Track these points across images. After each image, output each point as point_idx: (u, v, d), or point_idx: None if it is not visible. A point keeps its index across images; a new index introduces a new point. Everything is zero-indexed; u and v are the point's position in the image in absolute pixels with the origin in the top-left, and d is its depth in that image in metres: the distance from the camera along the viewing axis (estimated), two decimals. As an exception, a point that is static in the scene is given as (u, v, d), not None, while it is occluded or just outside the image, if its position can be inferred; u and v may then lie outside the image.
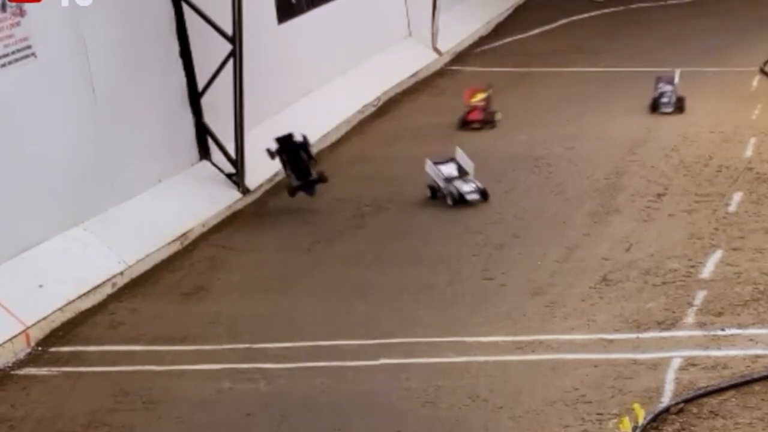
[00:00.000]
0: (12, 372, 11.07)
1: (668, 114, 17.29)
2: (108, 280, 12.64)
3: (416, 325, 11.37)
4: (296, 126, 16.76)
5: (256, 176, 15.31)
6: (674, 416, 9.36)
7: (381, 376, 10.43)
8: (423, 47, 21.22)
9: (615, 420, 9.26)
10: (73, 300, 12.16)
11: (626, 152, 15.93)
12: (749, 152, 15.52)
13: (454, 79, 20.68)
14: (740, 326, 10.80)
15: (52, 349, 11.48)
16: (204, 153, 15.11)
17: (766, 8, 23.83)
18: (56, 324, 11.88)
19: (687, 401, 9.53)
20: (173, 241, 13.68)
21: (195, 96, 14.89)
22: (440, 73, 21.05)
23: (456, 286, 12.22)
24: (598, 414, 9.49)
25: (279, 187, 15.61)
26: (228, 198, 14.86)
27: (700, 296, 11.46)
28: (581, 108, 18.15)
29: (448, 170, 14.60)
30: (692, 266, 12.16)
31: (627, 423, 8.92)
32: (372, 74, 19.32)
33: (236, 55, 14.48)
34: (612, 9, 25.04)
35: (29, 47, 12.36)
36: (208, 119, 14.97)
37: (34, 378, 10.94)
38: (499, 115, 17.71)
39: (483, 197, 14.41)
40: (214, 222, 14.41)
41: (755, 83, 18.84)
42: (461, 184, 14.45)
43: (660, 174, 15.00)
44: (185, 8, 14.56)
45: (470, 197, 14.38)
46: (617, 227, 13.43)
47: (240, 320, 11.81)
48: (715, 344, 10.52)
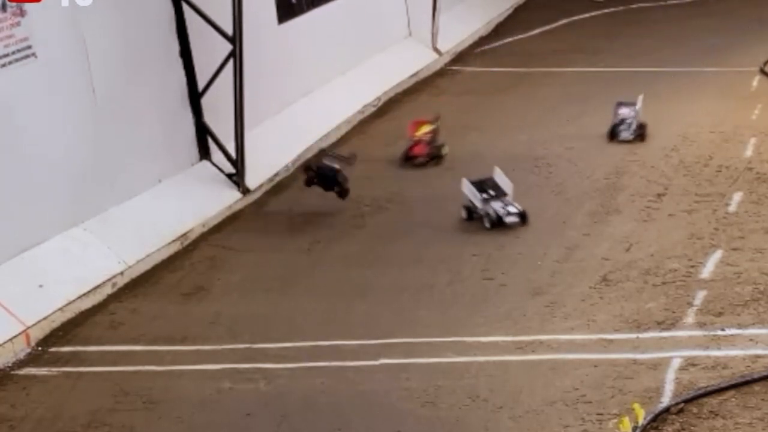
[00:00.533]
0: (12, 372, 11.07)
1: (628, 142, 16.22)
2: (108, 280, 12.64)
3: (416, 325, 11.37)
4: (296, 126, 16.85)
5: (256, 176, 15.31)
6: (674, 416, 9.36)
7: (381, 376, 10.43)
8: (423, 47, 21.22)
9: (615, 420, 9.26)
10: (73, 300, 12.16)
11: (626, 152, 15.93)
12: (749, 152, 15.52)
13: (454, 79, 20.69)
14: (740, 326, 10.80)
15: (52, 349, 11.48)
16: (204, 153, 15.11)
17: (766, 8, 23.83)
18: (56, 324, 11.88)
19: (687, 401, 9.53)
20: (173, 241, 13.68)
21: (195, 96, 14.89)
22: (440, 73, 21.05)
23: (456, 286, 12.22)
24: (598, 414, 9.50)
25: (279, 187, 15.63)
26: (228, 198, 14.86)
27: (700, 296, 11.47)
28: (581, 108, 18.15)
29: (485, 190, 13.75)
30: (692, 266, 12.16)
31: (627, 423, 8.92)
32: (372, 74, 19.32)
33: (236, 55, 14.48)
34: (612, 9, 25.04)
35: (29, 47, 12.36)
36: (208, 119, 14.97)
37: (34, 378, 10.94)
38: (446, 149, 16.32)
39: (522, 220, 13.52)
40: (214, 222, 14.41)
41: (755, 83, 18.84)
42: (500, 206, 13.58)
43: (660, 174, 15.00)
44: (185, 8, 14.56)
45: (509, 220, 13.50)
46: (617, 227, 13.44)
47: (240, 320, 11.81)
48: (715, 344, 10.52)
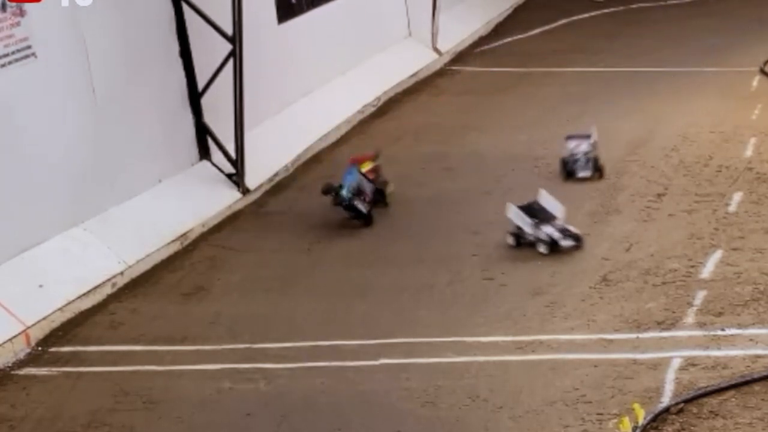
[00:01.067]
0: (12, 372, 11.07)
1: (586, 179, 14.82)
2: (108, 280, 12.64)
3: (416, 325, 11.37)
4: (296, 126, 16.85)
5: (256, 176, 15.32)
6: (674, 416, 9.36)
7: (381, 376, 10.43)
8: (423, 47, 21.22)
9: (615, 420, 9.26)
10: (73, 300, 12.16)
11: (626, 152, 15.92)
12: (749, 152, 15.52)
13: (454, 79, 20.69)
14: (740, 326, 10.80)
15: (52, 349, 11.49)
16: (204, 153, 15.11)
17: (766, 8, 23.82)
18: (56, 324, 11.88)
19: (687, 401, 9.53)
20: (173, 241, 13.68)
21: (195, 96, 14.89)
22: (440, 73, 21.04)
23: (456, 286, 12.22)
24: (598, 414, 9.50)
25: (279, 187, 15.63)
26: (228, 198, 14.86)
27: (700, 296, 11.46)
28: (581, 108, 18.14)
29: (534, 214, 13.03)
30: (692, 266, 12.15)
31: (627, 423, 8.92)
32: (372, 74, 19.32)
33: (236, 55, 14.49)
34: (612, 9, 25.04)
35: (29, 47, 12.36)
36: (208, 119, 14.97)
37: (34, 378, 10.94)
38: (392, 187, 14.81)
39: (577, 243, 12.82)
40: (214, 222, 14.41)
41: (755, 83, 18.83)
42: (553, 230, 12.85)
43: (660, 174, 15.00)
44: (185, 8, 14.56)
45: (565, 243, 12.79)
46: (617, 227, 13.43)
47: (240, 320, 11.81)
48: (715, 344, 10.52)
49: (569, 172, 14.98)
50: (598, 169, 14.93)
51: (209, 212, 14.42)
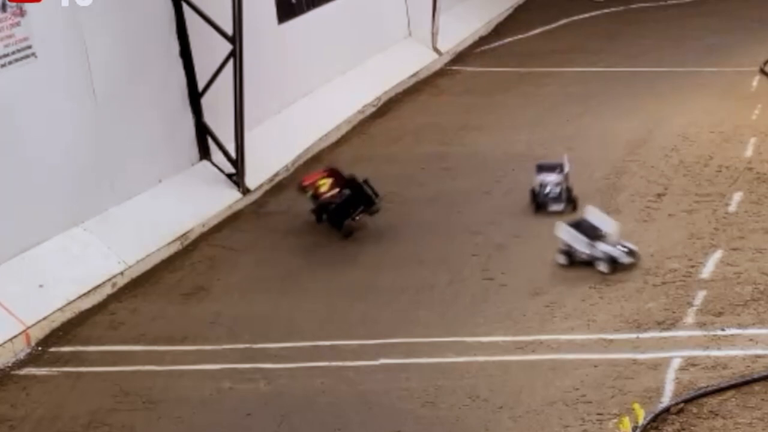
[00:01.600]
0: (12, 372, 11.07)
1: (559, 213, 13.69)
2: (108, 280, 12.64)
3: (416, 325, 11.37)
4: (296, 126, 16.84)
5: (256, 176, 15.32)
6: (674, 416, 9.36)
7: (381, 376, 10.43)
8: (423, 47, 21.22)
9: (615, 420, 9.26)
10: (73, 300, 12.16)
11: (626, 152, 15.92)
12: (749, 152, 15.52)
13: (454, 79, 20.69)
14: (740, 326, 10.80)
15: (52, 349, 11.49)
16: (204, 153, 15.11)
17: (766, 8, 23.82)
18: (56, 324, 11.88)
19: (687, 401, 9.54)
20: (173, 241, 13.68)
21: (195, 96, 14.89)
22: (440, 73, 21.04)
23: (456, 286, 12.22)
24: (598, 414, 9.50)
25: (279, 187, 15.63)
26: (228, 198, 14.86)
27: (700, 296, 11.46)
28: (581, 108, 18.15)
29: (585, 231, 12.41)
30: (692, 266, 12.16)
31: (627, 423, 8.92)
32: (372, 74, 19.32)
33: (236, 55, 14.49)
34: (612, 9, 25.04)
35: (29, 47, 12.36)
36: (208, 119, 14.98)
37: (34, 378, 10.94)
38: (378, 204, 13.97)
39: (633, 258, 12.30)
40: (214, 222, 14.41)
41: (755, 83, 18.83)
42: (609, 247, 12.26)
43: (660, 174, 15.00)
44: (185, 8, 14.56)
45: (626, 260, 12.23)
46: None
47: (240, 320, 11.81)
48: (715, 344, 10.52)
49: (540, 205, 13.97)
50: (572, 201, 13.90)
51: (209, 212, 14.42)
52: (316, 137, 17.01)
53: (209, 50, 14.69)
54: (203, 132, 15.03)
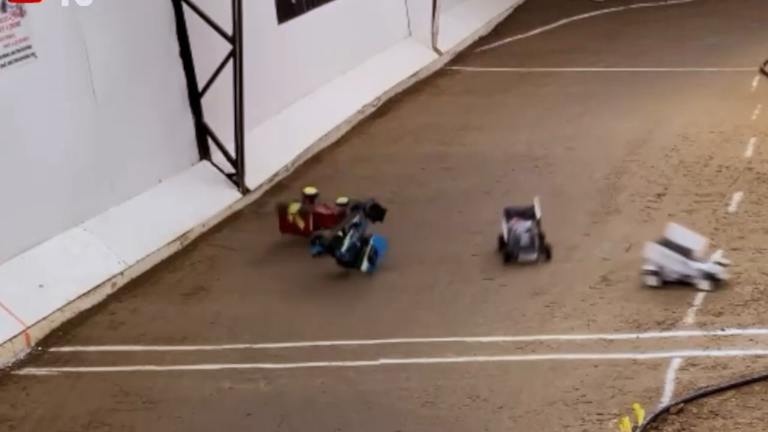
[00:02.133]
0: (12, 372, 11.07)
1: (531, 262, 12.54)
2: (108, 280, 12.64)
3: (416, 325, 11.37)
4: (296, 126, 16.84)
5: (256, 176, 15.32)
6: (674, 416, 9.36)
7: (381, 376, 10.43)
8: (423, 47, 21.22)
9: (615, 420, 9.26)
10: (73, 300, 12.16)
11: (626, 152, 15.92)
12: (749, 152, 15.52)
13: (454, 79, 20.69)
14: (740, 326, 10.81)
15: (52, 349, 11.49)
16: (204, 153, 15.11)
17: (766, 8, 23.82)
18: (56, 324, 11.88)
19: (687, 401, 9.54)
20: (173, 241, 13.68)
21: (195, 96, 14.89)
22: (440, 73, 21.04)
23: (456, 286, 12.22)
24: (598, 414, 9.50)
25: (279, 187, 15.63)
26: (228, 198, 14.86)
27: (700, 296, 11.46)
28: (581, 108, 18.15)
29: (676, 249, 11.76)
30: (692, 266, 12.15)
31: (627, 423, 8.92)
32: (372, 74, 19.32)
33: (236, 55, 14.49)
34: (612, 9, 25.03)
35: (29, 47, 12.36)
36: (208, 119, 14.97)
37: (34, 378, 10.94)
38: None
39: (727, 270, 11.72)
40: (214, 222, 14.41)
41: (755, 83, 18.83)
42: (704, 265, 11.63)
43: (660, 174, 15.00)
44: (185, 8, 14.56)
45: (723, 276, 11.63)
46: (617, 227, 13.43)
47: (240, 320, 11.81)
48: (715, 344, 10.52)
49: (509, 255, 12.64)
50: (545, 250, 12.59)
51: (209, 212, 14.42)
52: (316, 137, 17.01)
53: (209, 50, 14.69)
54: (203, 132, 15.03)
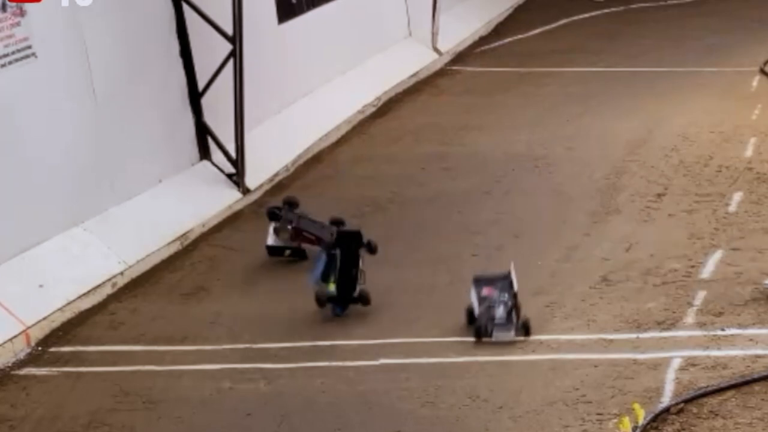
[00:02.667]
0: (12, 372, 11.07)
1: (507, 342, 10.73)
2: (108, 280, 12.64)
3: (416, 325, 11.37)
4: (296, 126, 16.83)
5: (256, 176, 15.31)
6: (674, 416, 9.36)
7: (381, 376, 10.43)
8: (423, 47, 21.21)
9: (615, 420, 9.26)
10: (73, 300, 12.16)
11: (626, 152, 15.92)
12: (749, 152, 15.52)
13: (454, 79, 20.68)
14: (740, 326, 10.80)
15: (52, 349, 11.48)
16: (204, 153, 15.11)
17: (766, 8, 23.82)
18: (56, 324, 11.88)
19: (687, 401, 9.53)
20: (173, 241, 13.68)
21: (195, 96, 14.89)
22: (440, 73, 21.04)
23: (456, 286, 12.20)
24: (598, 414, 9.49)
25: (279, 187, 15.62)
26: (228, 198, 14.86)
27: (700, 296, 11.46)
28: (581, 108, 18.15)
29: None
30: (692, 266, 12.15)
31: (627, 423, 8.92)
32: (372, 74, 19.32)
33: (236, 55, 14.49)
34: (612, 9, 25.03)
35: (29, 47, 12.35)
36: (208, 119, 14.97)
37: (34, 378, 10.94)
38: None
39: None
40: (214, 222, 14.41)
41: (755, 83, 18.83)
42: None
43: (660, 174, 14.99)
44: (185, 8, 14.56)
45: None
46: (617, 227, 13.43)
47: (240, 320, 11.81)
48: (715, 344, 10.52)
49: (480, 331, 10.76)
50: (524, 326, 10.82)
51: (209, 212, 14.42)
52: (316, 137, 17.01)
53: (209, 50, 14.69)
54: (203, 132, 15.03)
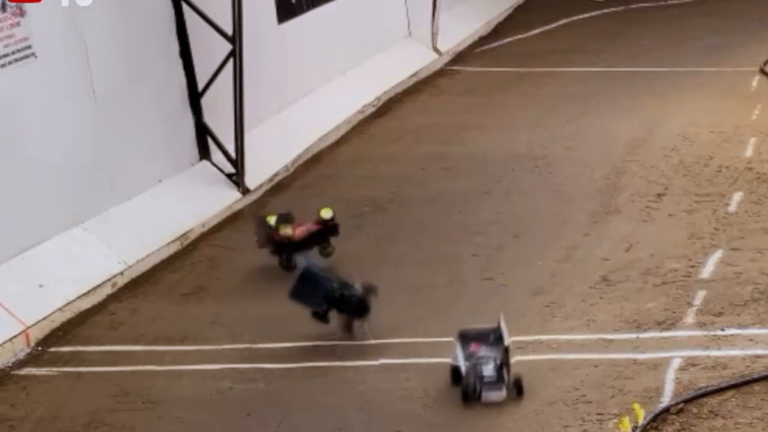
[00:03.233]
0: (12, 372, 11.07)
1: (498, 403, 9.68)
2: (108, 280, 12.64)
3: (416, 325, 11.37)
4: (296, 126, 16.83)
5: (256, 176, 15.31)
6: (674, 416, 9.36)
7: (381, 376, 10.43)
8: (423, 47, 21.21)
9: (615, 420, 9.26)
10: (73, 300, 12.16)
11: (626, 152, 15.92)
12: (749, 152, 15.52)
13: (454, 79, 20.68)
14: (740, 326, 10.80)
15: (52, 349, 11.48)
16: (204, 153, 15.10)
17: (766, 8, 23.82)
18: (56, 324, 11.88)
19: (687, 401, 9.53)
20: (173, 241, 13.67)
21: (195, 96, 14.89)
22: (440, 73, 21.03)
23: (456, 286, 12.21)
24: (598, 414, 9.49)
25: (279, 187, 15.63)
26: (228, 198, 14.85)
27: (700, 296, 11.46)
28: (581, 108, 18.15)
29: None
30: (692, 266, 12.15)
31: (627, 423, 8.92)
32: (372, 74, 19.32)
33: (236, 55, 14.49)
34: (612, 9, 25.03)
35: (29, 47, 12.35)
36: (208, 119, 14.97)
37: (34, 378, 10.94)
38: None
39: None
40: (214, 222, 14.41)
41: (755, 83, 18.84)
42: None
43: (660, 174, 14.99)
44: (185, 8, 14.56)
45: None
46: (617, 227, 13.43)
47: (240, 320, 11.81)
48: (715, 344, 10.52)
49: (468, 392, 9.66)
50: (516, 384, 9.75)
51: (209, 212, 14.42)
52: (316, 137, 17.01)
53: (209, 50, 14.69)
54: (203, 132, 15.02)
